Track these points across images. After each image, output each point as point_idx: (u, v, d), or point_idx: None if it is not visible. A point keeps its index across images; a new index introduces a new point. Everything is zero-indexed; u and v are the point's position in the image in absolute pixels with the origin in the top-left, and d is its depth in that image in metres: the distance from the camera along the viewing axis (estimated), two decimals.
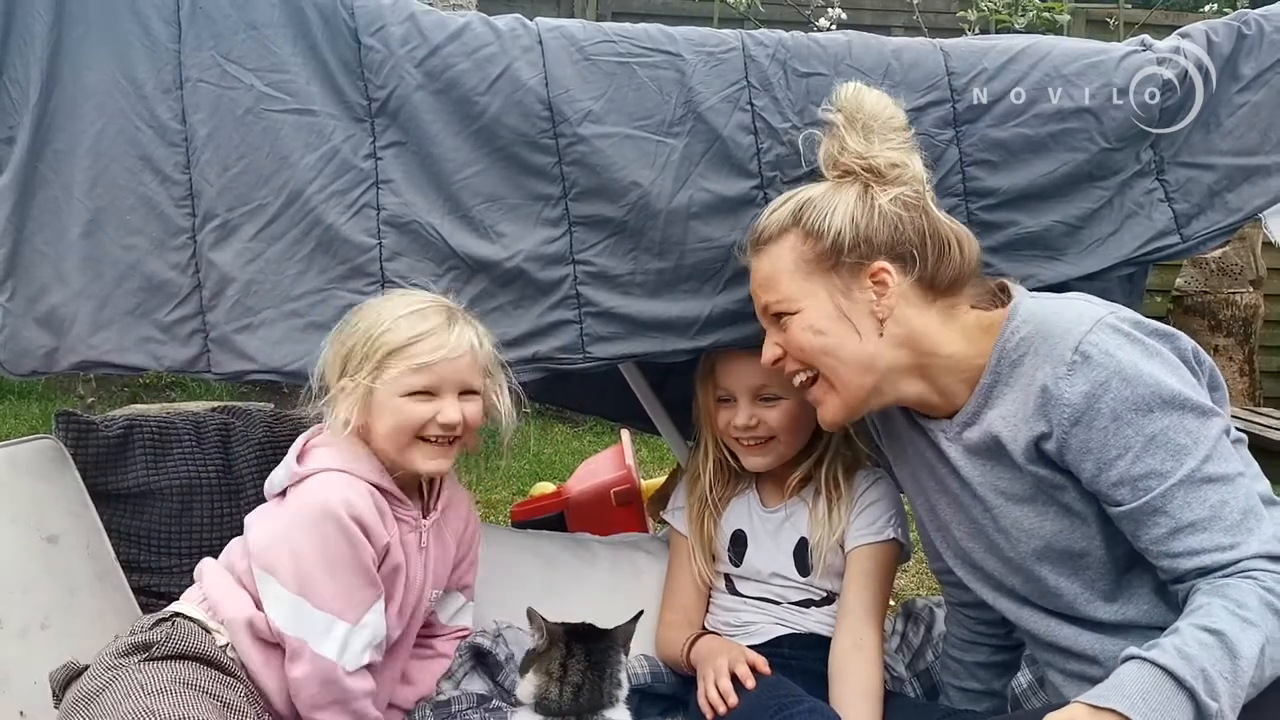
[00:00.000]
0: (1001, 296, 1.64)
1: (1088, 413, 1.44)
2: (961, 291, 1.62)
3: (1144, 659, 1.30)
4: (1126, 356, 1.44)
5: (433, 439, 1.71)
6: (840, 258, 1.58)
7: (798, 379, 1.67)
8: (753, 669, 1.81)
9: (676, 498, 2.16)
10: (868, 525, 1.96)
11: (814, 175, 1.72)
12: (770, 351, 1.67)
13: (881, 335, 1.59)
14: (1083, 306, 1.54)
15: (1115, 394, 1.42)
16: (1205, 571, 1.39)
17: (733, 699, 1.77)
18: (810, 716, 1.68)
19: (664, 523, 2.26)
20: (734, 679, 1.80)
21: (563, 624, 1.76)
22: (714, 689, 1.79)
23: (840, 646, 1.87)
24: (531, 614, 1.75)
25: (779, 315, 1.64)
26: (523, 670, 1.75)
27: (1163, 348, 1.47)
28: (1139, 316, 1.52)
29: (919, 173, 1.62)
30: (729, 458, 2.06)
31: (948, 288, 1.60)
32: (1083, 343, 1.45)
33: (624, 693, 1.73)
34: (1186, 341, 1.52)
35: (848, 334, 1.59)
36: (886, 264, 1.57)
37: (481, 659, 1.97)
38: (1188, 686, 1.26)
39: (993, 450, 1.57)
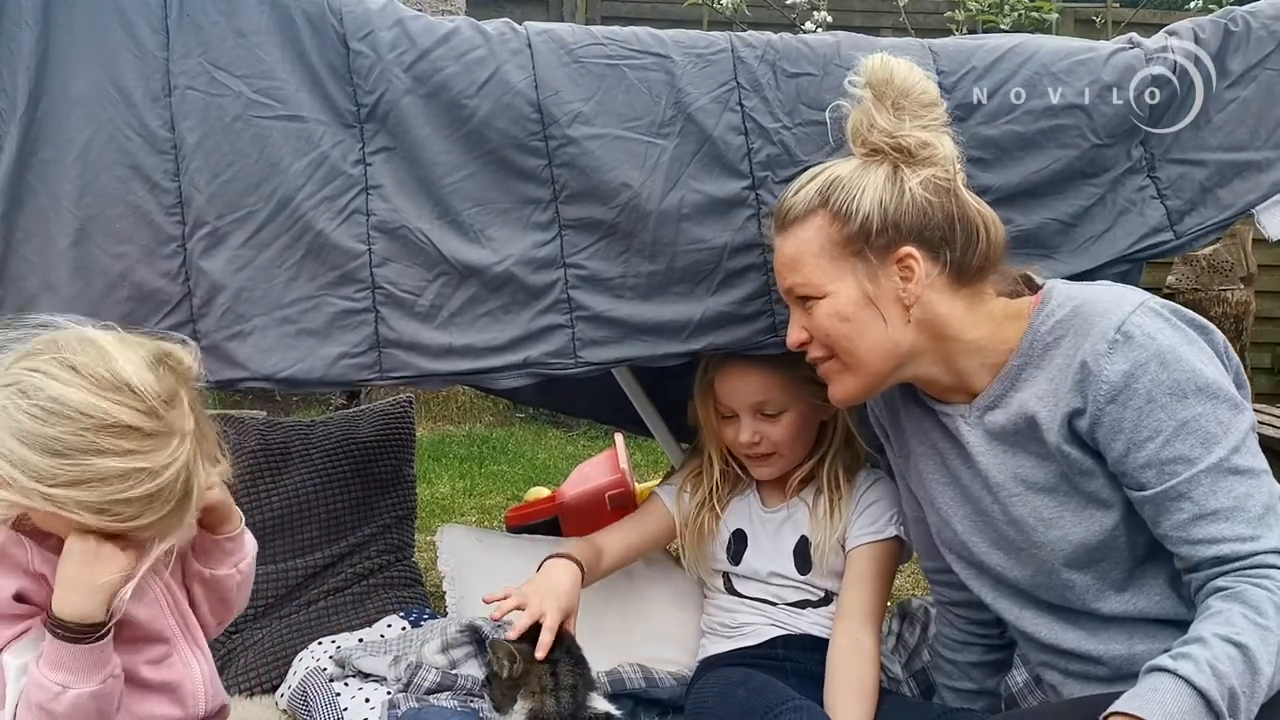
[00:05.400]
0: (1024, 286, 1.63)
1: (1124, 392, 1.44)
2: (987, 278, 1.60)
3: (1180, 677, 1.28)
4: (1167, 340, 1.45)
5: None
6: (868, 242, 1.55)
7: (820, 362, 1.65)
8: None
9: (676, 479, 2.14)
10: (869, 524, 1.97)
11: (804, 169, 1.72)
12: (795, 335, 1.64)
13: (909, 322, 1.57)
14: (1122, 290, 1.55)
15: (1153, 376, 1.43)
16: (1222, 561, 1.39)
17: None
18: (797, 714, 1.68)
19: None
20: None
21: (521, 639, 1.74)
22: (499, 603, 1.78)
23: (838, 647, 1.87)
24: (495, 645, 1.72)
25: (804, 298, 1.61)
26: (503, 703, 1.71)
27: (1198, 338, 1.48)
28: (1176, 305, 1.52)
29: (950, 152, 1.57)
30: (735, 467, 2.06)
31: (974, 274, 1.58)
32: (1126, 323, 1.45)
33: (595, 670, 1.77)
34: (1219, 336, 1.52)
35: (874, 321, 1.57)
36: (914, 250, 1.55)
37: (480, 646, 1.96)
38: (1218, 710, 1.26)
39: (1021, 433, 1.56)
